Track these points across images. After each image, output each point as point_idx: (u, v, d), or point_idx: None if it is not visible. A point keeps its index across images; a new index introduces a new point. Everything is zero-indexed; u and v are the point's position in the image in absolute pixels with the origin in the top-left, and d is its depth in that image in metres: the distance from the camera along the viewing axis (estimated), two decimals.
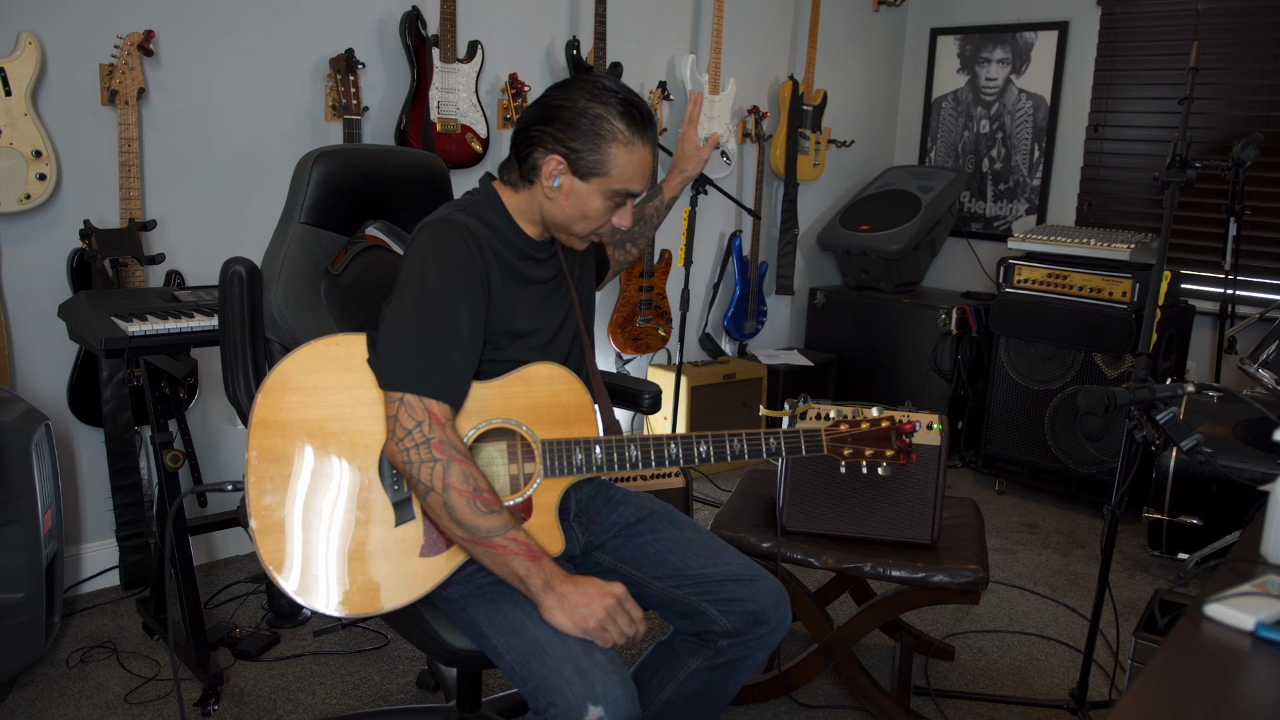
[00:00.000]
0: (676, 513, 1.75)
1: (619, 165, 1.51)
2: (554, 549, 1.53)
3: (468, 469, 1.42)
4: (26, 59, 2.40)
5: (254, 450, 1.41)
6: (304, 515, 1.42)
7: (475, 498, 1.40)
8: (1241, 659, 1.11)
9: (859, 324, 4.37)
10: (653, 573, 1.65)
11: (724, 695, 1.70)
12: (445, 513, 1.41)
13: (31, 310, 2.55)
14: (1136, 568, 3.19)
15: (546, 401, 1.54)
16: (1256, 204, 3.82)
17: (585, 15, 3.55)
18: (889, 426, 1.64)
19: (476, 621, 1.48)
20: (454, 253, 1.50)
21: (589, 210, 1.54)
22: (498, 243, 1.57)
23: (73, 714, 2.15)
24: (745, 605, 1.61)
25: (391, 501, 1.45)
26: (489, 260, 1.53)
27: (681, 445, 1.57)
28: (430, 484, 1.40)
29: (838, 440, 1.63)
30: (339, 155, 1.76)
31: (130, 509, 2.57)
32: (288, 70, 2.89)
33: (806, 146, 4.37)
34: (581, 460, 1.53)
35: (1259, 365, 3.02)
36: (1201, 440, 1.70)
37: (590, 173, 1.51)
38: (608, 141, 1.50)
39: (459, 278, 1.49)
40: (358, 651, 2.46)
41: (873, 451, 1.64)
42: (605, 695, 1.32)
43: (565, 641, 1.39)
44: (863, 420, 1.63)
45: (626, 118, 1.50)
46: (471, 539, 1.41)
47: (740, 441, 1.59)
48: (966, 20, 4.75)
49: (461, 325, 1.47)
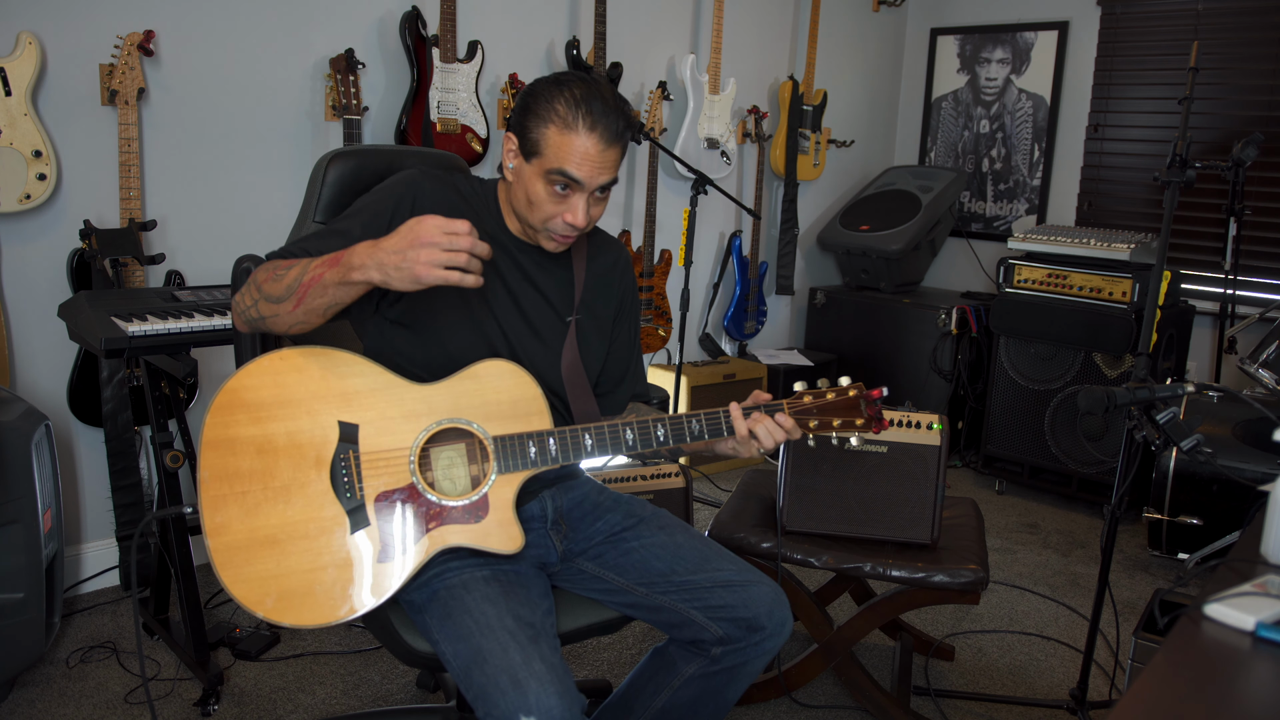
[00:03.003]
0: (668, 517, 1.72)
1: (552, 144, 1.50)
2: (511, 546, 1.50)
3: (269, 264, 1.46)
4: (26, 59, 2.40)
5: (205, 471, 1.40)
6: (260, 533, 1.40)
7: (275, 270, 1.44)
8: (1241, 659, 1.11)
9: (859, 324, 4.37)
10: (637, 579, 1.62)
11: (724, 702, 1.67)
12: (270, 305, 1.43)
13: (31, 310, 2.55)
14: (1136, 568, 3.19)
15: (496, 397, 1.52)
16: (1256, 204, 3.82)
17: (585, 15, 3.55)
18: (856, 395, 1.56)
19: (430, 627, 1.47)
20: (386, 196, 1.57)
21: (533, 194, 1.54)
22: (483, 216, 1.62)
23: (73, 714, 2.16)
24: (736, 612, 1.57)
25: (345, 510, 1.43)
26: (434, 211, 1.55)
27: (638, 429, 1.53)
28: (252, 300, 1.46)
29: (802, 412, 1.55)
30: (354, 156, 1.77)
31: (130, 509, 2.58)
32: (288, 70, 2.89)
33: (806, 146, 4.37)
34: (535, 453, 1.51)
35: (1259, 365, 3.02)
36: (1201, 440, 1.70)
37: (531, 153, 1.52)
38: (546, 122, 1.50)
39: (370, 210, 1.55)
40: (358, 651, 2.46)
41: (841, 422, 1.56)
42: (539, 706, 1.30)
43: (506, 650, 1.36)
44: (828, 390, 1.57)
45: (568, 100, 1.50)
46: (296, 300, 1.41)
47: (699, 422, 1.54)
48: (966, 20, 4.75)
49: (350, 235, 1.50)
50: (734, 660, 1.61)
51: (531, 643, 1.39)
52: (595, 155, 1.51)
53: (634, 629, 2.62)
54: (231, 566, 1.39)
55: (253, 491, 1.41)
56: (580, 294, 1.70)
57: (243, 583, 1.39)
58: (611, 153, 1.53)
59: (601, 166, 1.52)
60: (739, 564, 1.63)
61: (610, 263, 1.77)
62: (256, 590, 1.39)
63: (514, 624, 1.41)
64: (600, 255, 1.76)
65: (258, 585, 1.39)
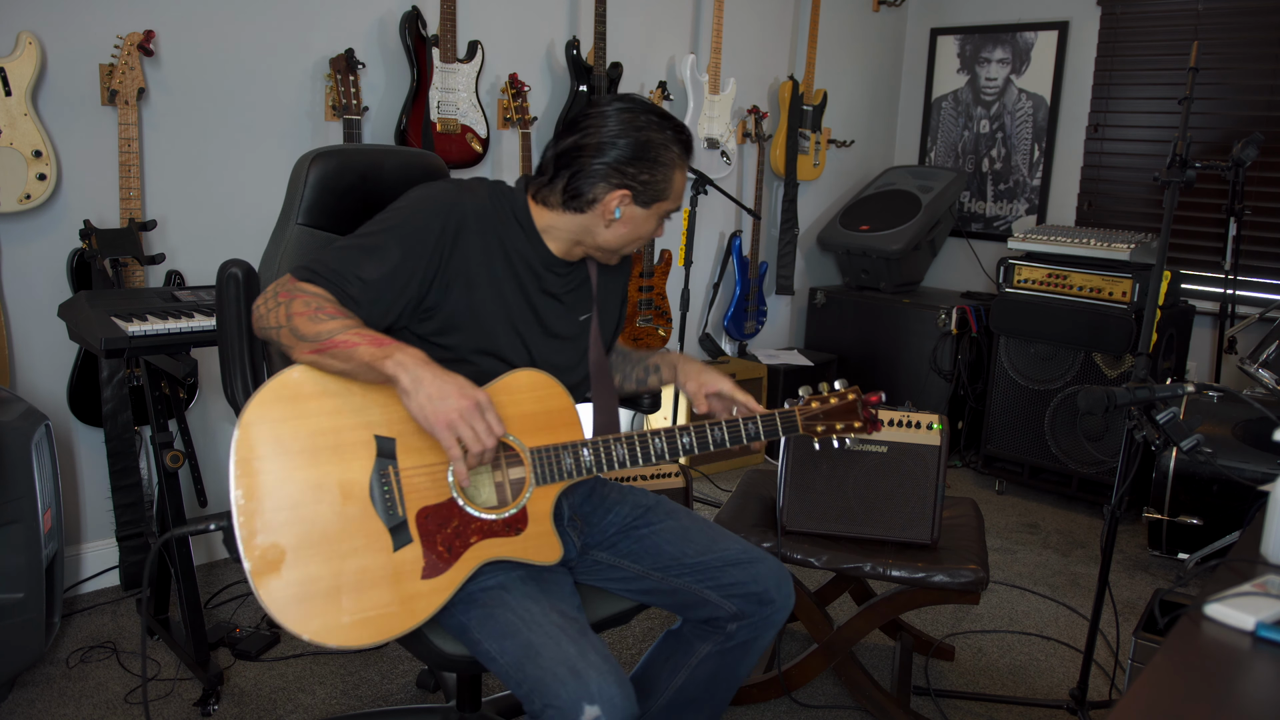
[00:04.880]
0: (672, 504, 1.76)
1: (676, 187, 1.60)
2: (552, 557, 1.52)
3: (311, 296, 1.40)
4: (26, 59, 2.40)
5: (239, 490, 1.35)
6: (300, 552, 1.36)
7: (317, 312, 1.38)
8: (1241, 659, 1.11)
9: (859, 324, 4.37)
10: (652, 565, 1.66)
11: (736, 678, 1.72)
12: (293, 338, 1.38)
13: (31, 310, 2.55)
14: (1136, 568, 3.19)
15: (531, 409, 1.53)
16: (1256, 204, 3.82)
17: (585, 15, 3.55)
18: (855, 399, 1.67)
19: (468, 627, 1.47)
20: (429, 218, 1.52)
21: (643, 232, 1.61)
22: (520, 241, 1.60)
23: (73, 714, 2.16)
24: (747, 587, 1.63)
25: (387, 527, 1.41)
26: (474, 243, 1.55)
27: (666, 439, 1.57)
28: (278, 323, 1.40)
29: (811, 419, 1.66)
30: (336, 155, 1.75)
31: (130, 509, 2.58)
32: (288, 70, 2.89)
33: (806, 146, 4.37)
34: (571, 464, 1.52)
35: (1259, 365, 3.02)
36: (1201, 440, 1.70)
37: (653, 200, 1.58)
38: (670, 169, 1.57)
39: (410, 228, 1.50)
40: (358, 651, 2.46)
41: (842, 425, 1.67)
42: (601, 694, 1.32)
43: (558, 643, 1.38)
44: (830, 395, 1.68)
45: (680, 142, 1.58)
46: (317, 347, 1.36)
47: (720, 430, 1.60)
48: (966, 20, 4.75)
49: (388, 255, 1.48)
50: (747, 634, 1.66)
51: (581, 635, 1.41)
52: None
53: (636, 620, 2.62)
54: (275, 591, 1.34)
55: (290, 509, 1.36)
56: (596, 293, 1.73)
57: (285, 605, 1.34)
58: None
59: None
60: (742, 543, 1.69)
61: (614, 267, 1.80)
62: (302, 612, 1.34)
63: (559, 619, 1.43)
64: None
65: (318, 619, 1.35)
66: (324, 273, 1.44)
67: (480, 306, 1.56)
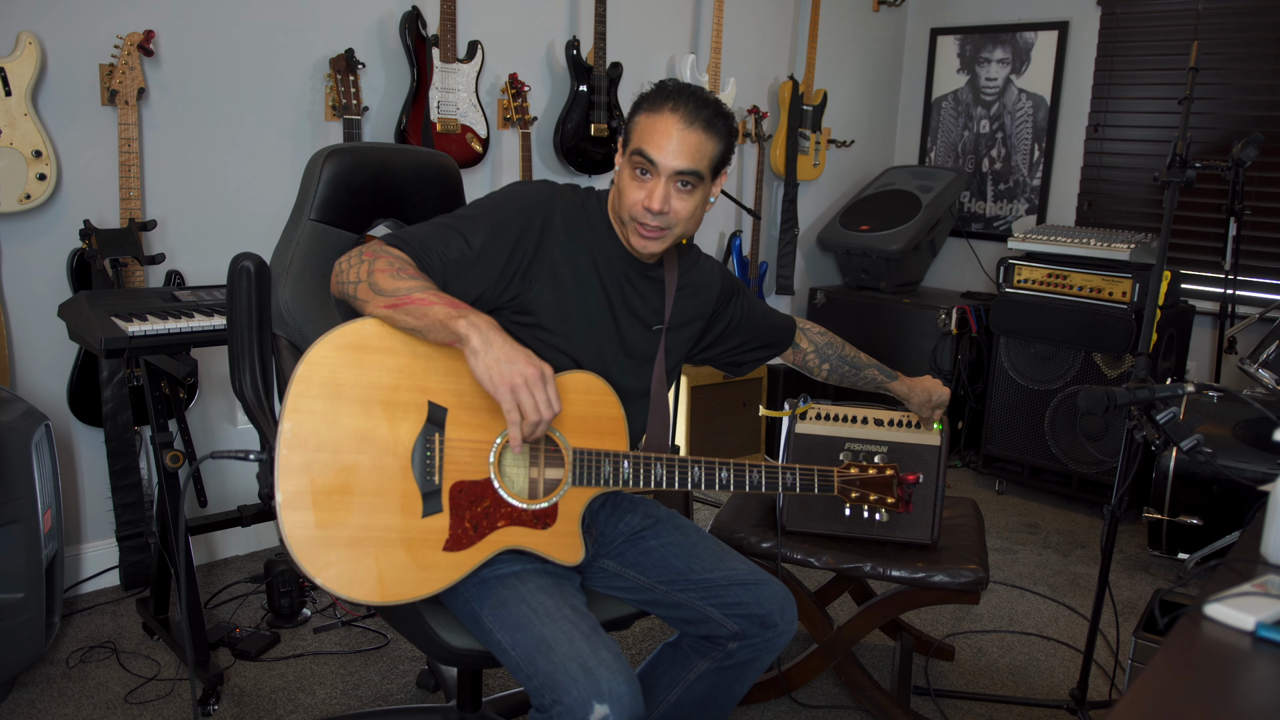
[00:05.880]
0: (681, 518, 1.76)
1: (639, 127, 1.56)
2: (573, 558, 1.54)
3: (394, 258, 1.43)
4: (26, 59, 2.40)
5: (288, 422, 1.35)
6: (332, 496, 1.37)
7: (399, 271, 1.41)
8: (1241, 659, 1.11)
9: (859, 324, 4.36)
10: (658, 577, 1.66)
11: (732, 698, 1.71)
12: (371, 291, 1.40)
13: (31, 310, 2.55)
14: (1136, 568, 3.19)
15: (580, 411, 1.54)
16: (1256, 204, 3.82)
17: (585, 15, 3.55)
18: (892, 475, 1.73)
19: (481, 616, 1.47)
20: (518, 210, 1.56)
21: (622, 183, 1.58)
22: (604, 241, 1.63)
23: (73, 714, 2.16)
24: (751, 609, 1.62)
25: (421, 492, 1.43)
26: (560, 241, 1.58)
27: (705, 470, 1.60)
28: (358, 278, 1.42)
29: (848, 483, 1.72)
30: (350, 153, 1.76)
31: (130, 509, 2.57)
32: (288, 70, 2.89)
33: (806, 146, 4.37)
34: (609, 473, 1.54)
35: (1259, 365, 3.02)
36: (1201, 440, 1.70)
37: (626, 142, 1.58)
38: (639, 110, 1.57)
39: (499, 218, 1.54)
40: (358, 651, 2.46)
41: (876, 498, 1.73)
42: (611, 693, 1.32)
43: (571, 639, 1.38)
44: (870, 467, 1.74)
45: (658, 89, 1.57)
46: (393, 302, 1.38)
47: (759, 473, 1.64)
48: (966, 20, 4.75)
49: (474, 240, 1.51)
50: (747, 655, 1.66)
51: (594, 632, 1.41)
52: (674, 134, 1.52)
53: (638, 624, 2.62)
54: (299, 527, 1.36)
55: (334, 451, 1.39)
56: (670, 306, 1.73)
57: (307, 545, 1.36)
58: (692, 135, 1.53)
59: (680, 148, 1.53)
60: (749, 564, 1.69)
61: (700, 280, 1.80)
62: (321, 556, 1.36)
63: (572, 614, 1.44)
64: (691, 272, 1.79)
65: (323, 550, 1.36)
66: (411, 242, 1.48)
67: (566, 305, 1.59)
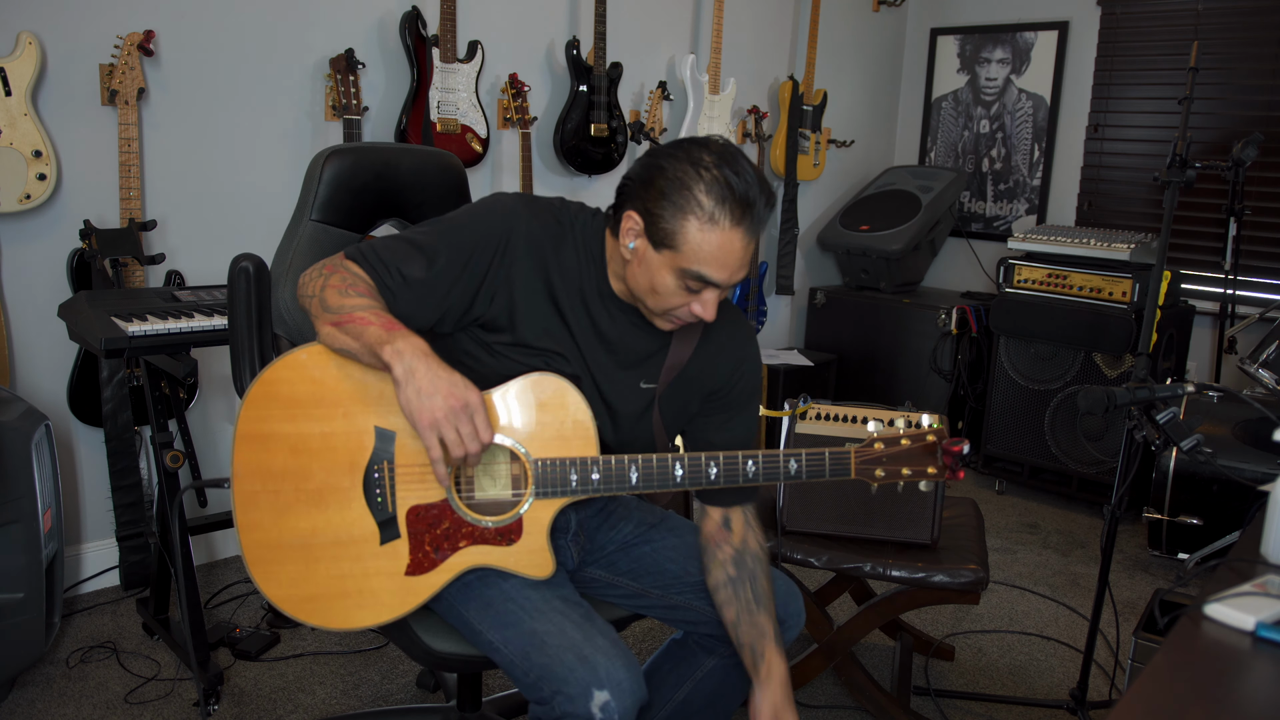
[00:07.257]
0: (678, 519, 1.72)
1: (691, 243, 1.34)
2: (541, 572, 1.45)
3: (350, 274, 1.38)
4: (26, 59, 2.40)
5: (239, 466, 1.37)
6: (291, 534, 1.39)
7: (349, 288, 1.35)
8: (1241, 659, 1.11)
9: (859, 324, 4.37)
10: (652, 583, 1.63)
11: (739, 694, 1.69)
12: (320, 308, 1.35)
13: (31, 310, 2.55)
14: (1136, 568, 3.19)
15: (541, 417, 1.43)
16: (1256, 204, 3.82)
17: (585, 15, 3.55)
18: (934, 441, 1.48)
19: (469, 619, 1.45)
20: (479, 230, 1.44)
21: (658, 284, 1.39)
22: (571, 264, 1.48)
23: (73, 714, 2.15)
24: None
25: (376, 521, 1.40)
26: (521, 263, 1.45)
27: (689, 466, 1.45)
28: (313, 292, 1.38)
29: (869, 462, 1.49)
30: (351, 153, 1.76)
31: (130, 509, 2.58)
32: (288, 70, 2.89)
33: (806, 146, 4.37)
34: (576, 481, 1.43)
35: (1259, 365, 3.02)
36: (1201, 440, 1.70)
37: (662, 242, 1.36)
38: (684, 213, 1.34)
39: (461, 236, 1.43)
40: (358, 651, 2.46)
41: (911, 471, 1.49)
42: (610, 678, 1.31)
43: (563, 630, 1.37)
44: (903, 436, 1.49)
45: (714, 194, 1.33)
46: (337, 320, 1.33)
47: (756, 464, 1.46)
48: (966, 20, 4.75)
49: (435, 259, 1.41)
50: None
51: (586, 620, 1.39)
52: (739, 253, 1.35)
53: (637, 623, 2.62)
54: (263, 564, 1.39)
55: (285, 491, 1.39)
56: (669, 364, 1.55)
57: (273, 581, 1.39)
58: (754, 245, 1.38)
59: (743, 264, 1.36)
60: None
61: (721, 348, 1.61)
62: (286, 590, 1.39)
63: (562, 605, 1.42)
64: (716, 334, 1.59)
65: (288, 585, 1.39)
66: (370, 258, 1.41)
67: (536, 323, 1.47)
